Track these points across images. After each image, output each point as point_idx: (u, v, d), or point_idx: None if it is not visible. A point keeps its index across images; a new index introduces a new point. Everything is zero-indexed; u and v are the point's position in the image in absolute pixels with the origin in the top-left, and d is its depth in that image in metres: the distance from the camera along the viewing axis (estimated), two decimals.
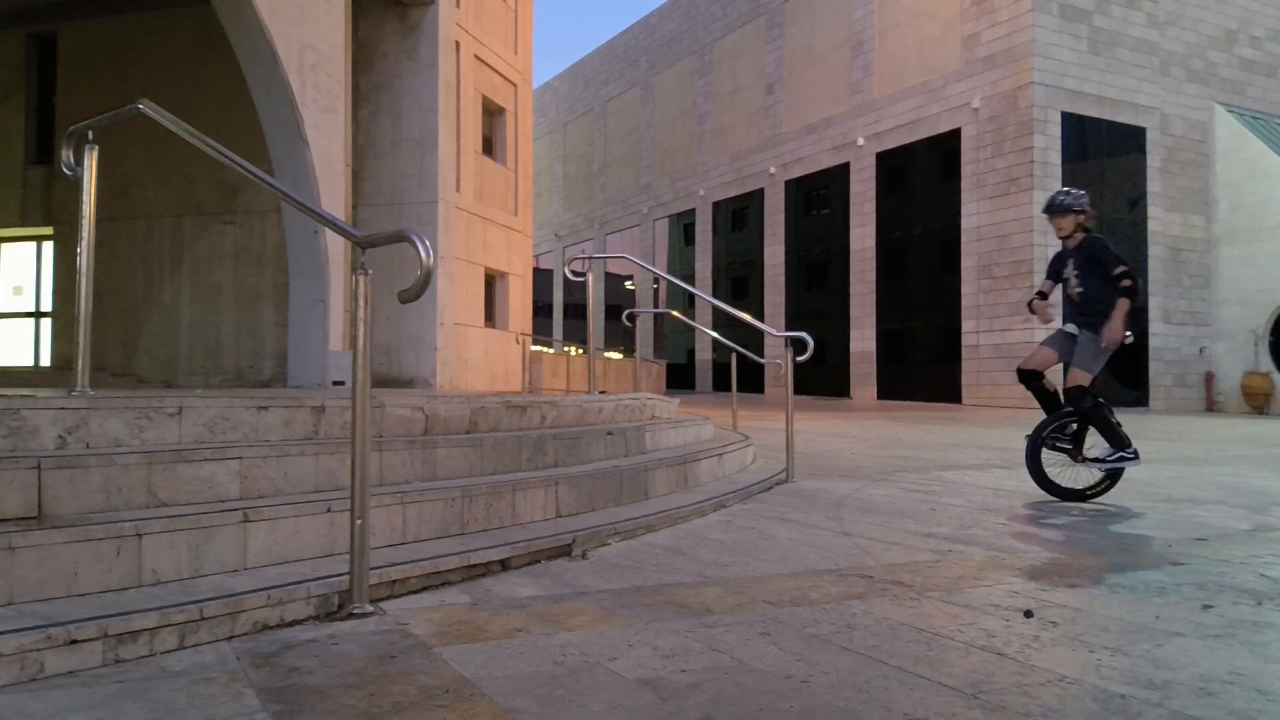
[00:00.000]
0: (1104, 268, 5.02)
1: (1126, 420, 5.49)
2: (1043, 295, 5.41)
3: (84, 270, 3.72)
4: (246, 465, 3.08)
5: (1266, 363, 19.41)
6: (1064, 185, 18.28)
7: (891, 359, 21.72)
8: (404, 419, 4.06)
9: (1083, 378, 5.04)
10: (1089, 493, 5.12)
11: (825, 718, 1.88)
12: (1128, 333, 5.06)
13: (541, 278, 35.59)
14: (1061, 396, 5.20)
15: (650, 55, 32.50)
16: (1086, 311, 5.14)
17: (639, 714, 1.90)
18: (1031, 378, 5.26)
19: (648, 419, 6.26)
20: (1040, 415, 5.30)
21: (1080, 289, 5.16)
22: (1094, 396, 5.07)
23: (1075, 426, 5.15)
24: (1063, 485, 5.13)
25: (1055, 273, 5.37)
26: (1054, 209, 5.19)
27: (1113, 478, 5.15)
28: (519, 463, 4.19)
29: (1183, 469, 7.10)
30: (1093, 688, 2.06)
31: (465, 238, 12.10)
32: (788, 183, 25.13)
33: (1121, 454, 5.02)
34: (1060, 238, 5.27)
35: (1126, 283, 4.95)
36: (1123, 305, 4.95)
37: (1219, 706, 1.96)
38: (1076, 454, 5.13)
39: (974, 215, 19.41)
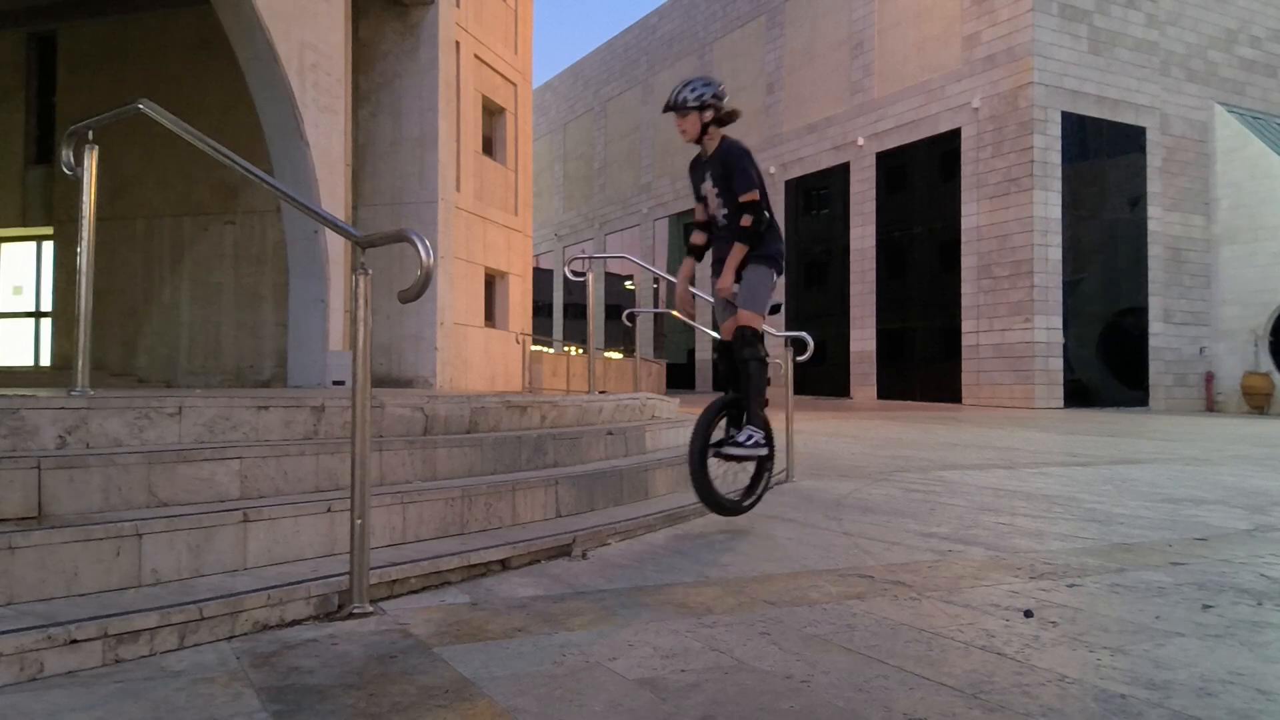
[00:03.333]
0: (733, 185, 3.99)
1: (1127, 420, 5.44)
2: (703, 229, 4.22)
3: (84, 270, 3.72)
4: (246, 465, 3.08)
5: (1267, 362, 19.42)
6: (1063, 186, 18.36)
7: (891, 359, 21.73)
8: (404, 419, 4.06)
9: (754, 319, 4.01)
10: (745, 503, 4.10)
11: (825, 717, 1.88)
12: (777, 302, 4.12)
13: (541, 278, 35.58)
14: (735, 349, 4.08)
15: (650, 55, 32.49)
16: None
17: (639, 714, 1.90)
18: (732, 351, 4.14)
19: (648, 419, 6.26)
20: None
21: (726, 210, 4.09)
22: (764, 350, 4.05)
23: (733, 413, 4.11)
24: (726, 497, 4.03)
25: (696, 190, 4.23)
26: (675, 107, 4.06)
27: (761, 471, 4.12)
28: (519, 463, 4.19)
29: (1183, 469, 7.09)
30: (1093, 688, 2.06)
31: (465, 237, 12.09)
32: (788, 182, 25.13)
33: (761, 440, 4.00)
34: (687, 142, 4.17)
35: (747, 220, 3.92)
36: (738, 251, 3.96)
37: (1219, 706, 1.96)
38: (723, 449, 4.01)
39: (974, 215, 19.42)
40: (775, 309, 4.18)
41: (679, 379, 28.34)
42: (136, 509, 2.73)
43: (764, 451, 4.03)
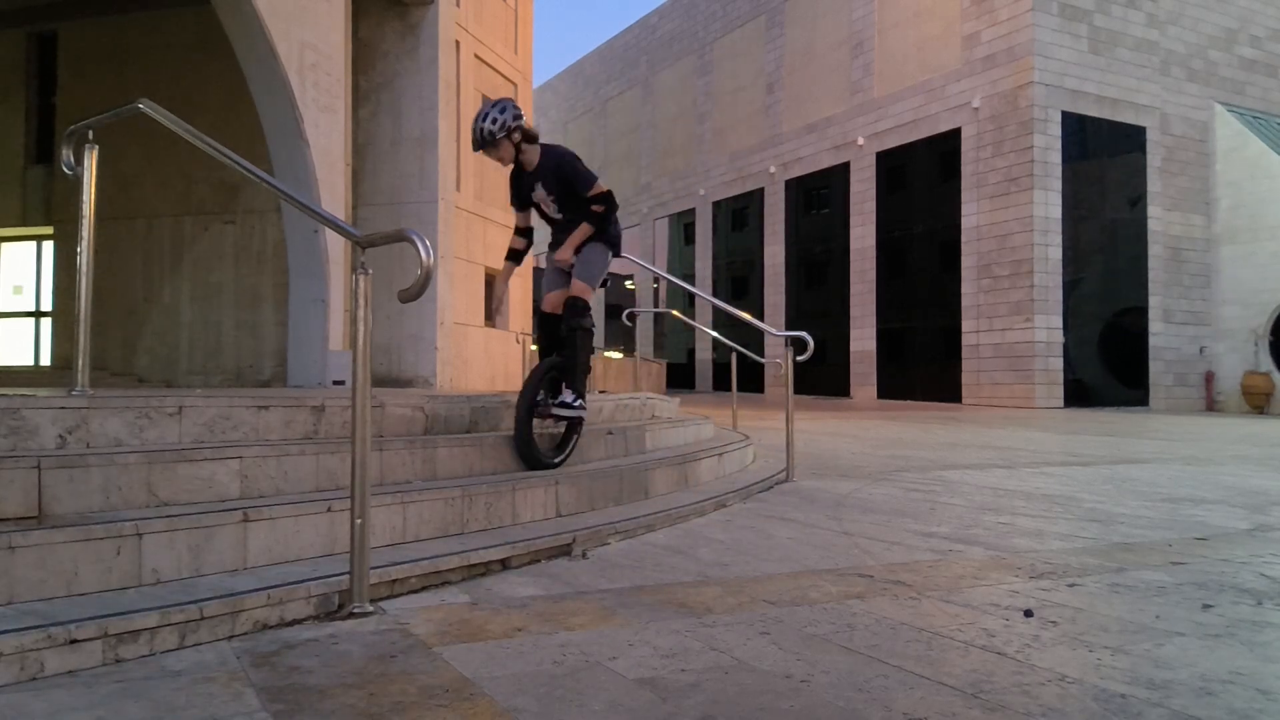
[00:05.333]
0: (576, 188, 4.36)
1: (1127, 419, 5.44)
2: (522, 235, 4.64)
3: (84, 270, 3.72)
4: (246, 465, 3.08)
5: (1267, 362, 19.42)
6: (1063, 186, 18.35)
7: (891, 358, 21.73)
8: (404, 418, 4.06)
9: (586, 290, 4.37)
10: (556, 460, 4.29)
11: (825, 717, 1.88)
12: (605, 277, 4.46)
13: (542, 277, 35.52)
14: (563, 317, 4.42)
15: (650, 54, 32.49)
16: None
17: (639, 713, 1.90)
18: (554, 323, 4.50)
19: (648, 418, 6.26)
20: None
21: (561, 215, 4.48)
22: (590, 321, 4.40)
23: (555, 376, 4.43)
24: (543, 454, 4.23)
25: (523, 199, 4.55)
26: (484, 143, 4.28)
27: (572, 431, 4.39)
28: (519, 462, 4.19)
29: (1183, 469, 7.09)
30: (1093, 687, 2.06)
31: (465, 237, 12.09)
32: (788, 182, 25.13)
33: (583, 402, 4.36)
34: (504, 165, 4.47)
35: (599, 208, 4.32)
36: (585, 230, 4.33)
37: (1219, 706, 1.96)
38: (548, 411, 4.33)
39: (974, 215, 19.41)
40: (604, 283, 4.54)
41: (679, 379, 28.34)
42: (136, 509, 2.73)
43: (584, 413, 4.39)
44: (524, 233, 4.69)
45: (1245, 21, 21.18)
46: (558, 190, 4.40)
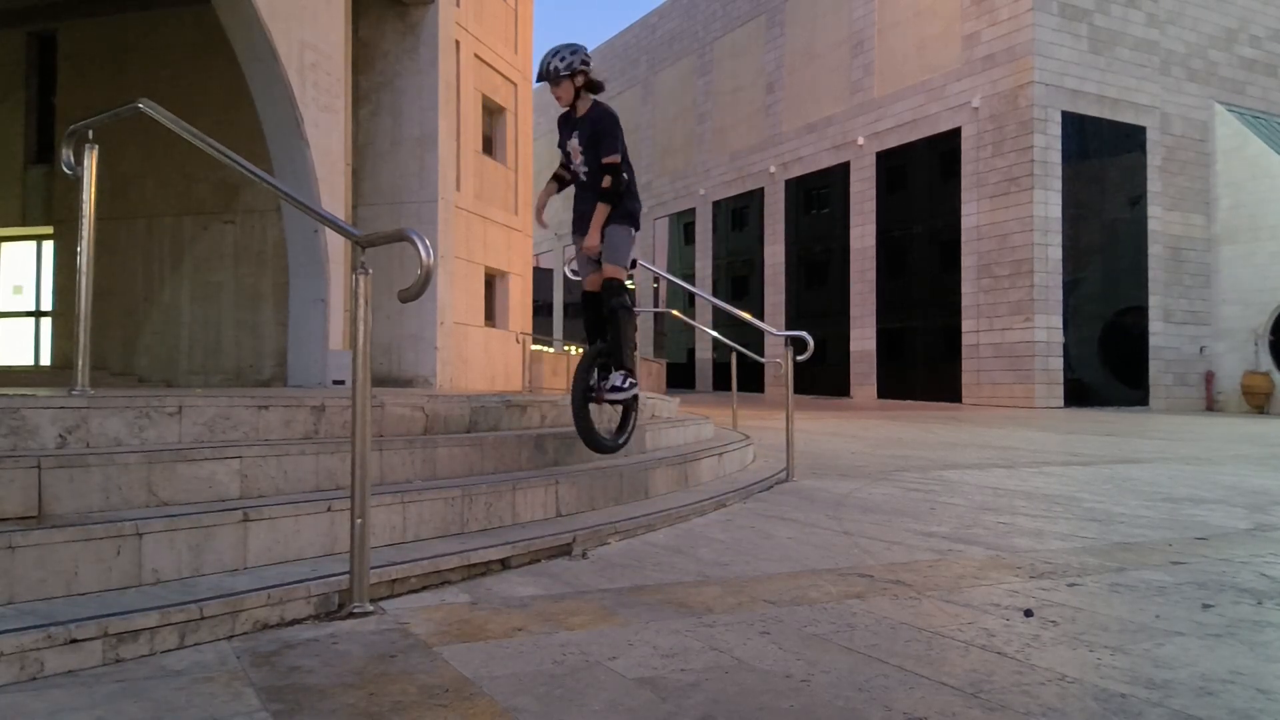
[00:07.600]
0: (598, 147, 4.37)
1: (1127, 419, 5.43)
2: (560, 180, 4.70)
3: (84, 269, 3.72)
4: (246, 464, 3.08)
5: (1267, 362, 19.42)
6: (1063, 186, 18.35)
7: (892, 358, 21.73)
8: (404, 418, 4.06)
9: (619, 271, 4.42)
10: (620, 441, 4.45)
11: (825, 717, 1.88)
12: (633, 258, 4.50)
13: (541, 277, 35.58)
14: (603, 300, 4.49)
15: (650, 54, 32.48)
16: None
17: (639, 713, 1.90)
18: (596, 300, 4.53)
19: (648, 418, 6.26)
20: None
21: (587, 169, 4.48)
22: (629, 299, 4.46)
23: (604, 361, 4.49)
24: (605, 438, 4.39)
25: (563, 146, 4.60)
26: (549, 77, 4.37)
27: (629, 412, 4.51)
28: (519, 462, 4.19)
29: (1183, 468, 7.10)
30: (1093, 687, 2.06)
31: (465, 237, 12.09)
32: (788, 182, 25.13)
33: (634, 380, 4.45)
34: (563, 107, 4.52)
35: (608, 180, 4.31)
36: (601, 211, 4.34)
37: (1219, 706, 1.96)
38: (601, 395, 4.41)
39: (974, 215, 19.41)
40: (632, 264, 4.63)
41: (679, 378, 28.35)
42: (136, 508, 2.73)
43: (636, 392, 4.50)
44: (560, 180, 4.73)
45: (1245, 21, 21.18)
46: (588, 145, 4.43)
